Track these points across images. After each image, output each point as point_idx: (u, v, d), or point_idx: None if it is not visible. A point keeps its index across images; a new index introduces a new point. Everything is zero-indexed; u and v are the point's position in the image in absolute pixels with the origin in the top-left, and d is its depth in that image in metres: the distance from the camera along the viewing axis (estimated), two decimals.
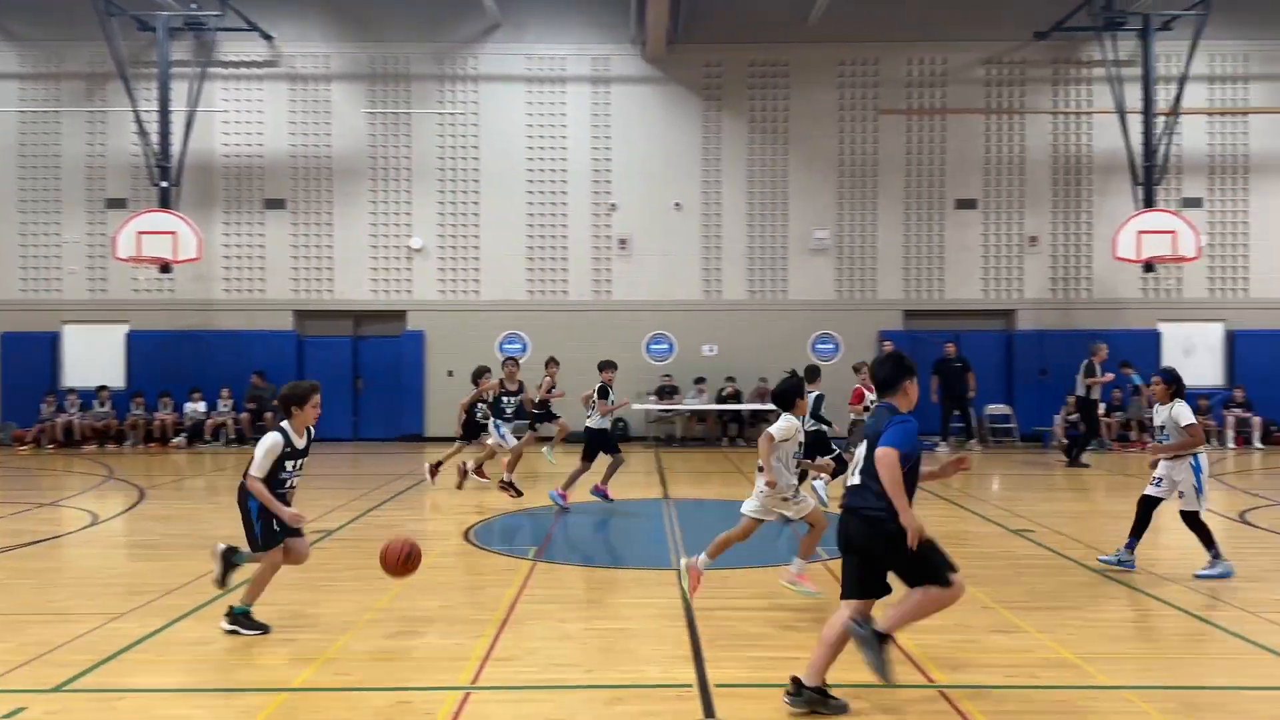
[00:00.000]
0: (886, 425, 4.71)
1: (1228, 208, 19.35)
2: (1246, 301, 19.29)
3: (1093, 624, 6.34)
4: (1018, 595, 7.06)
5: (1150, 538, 8.47)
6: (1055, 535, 9.42)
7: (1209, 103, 19.31)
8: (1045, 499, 12.15)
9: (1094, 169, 19.45)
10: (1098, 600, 6.95)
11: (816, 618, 6.44)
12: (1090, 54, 19.18)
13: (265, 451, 5.94)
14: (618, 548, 9.17)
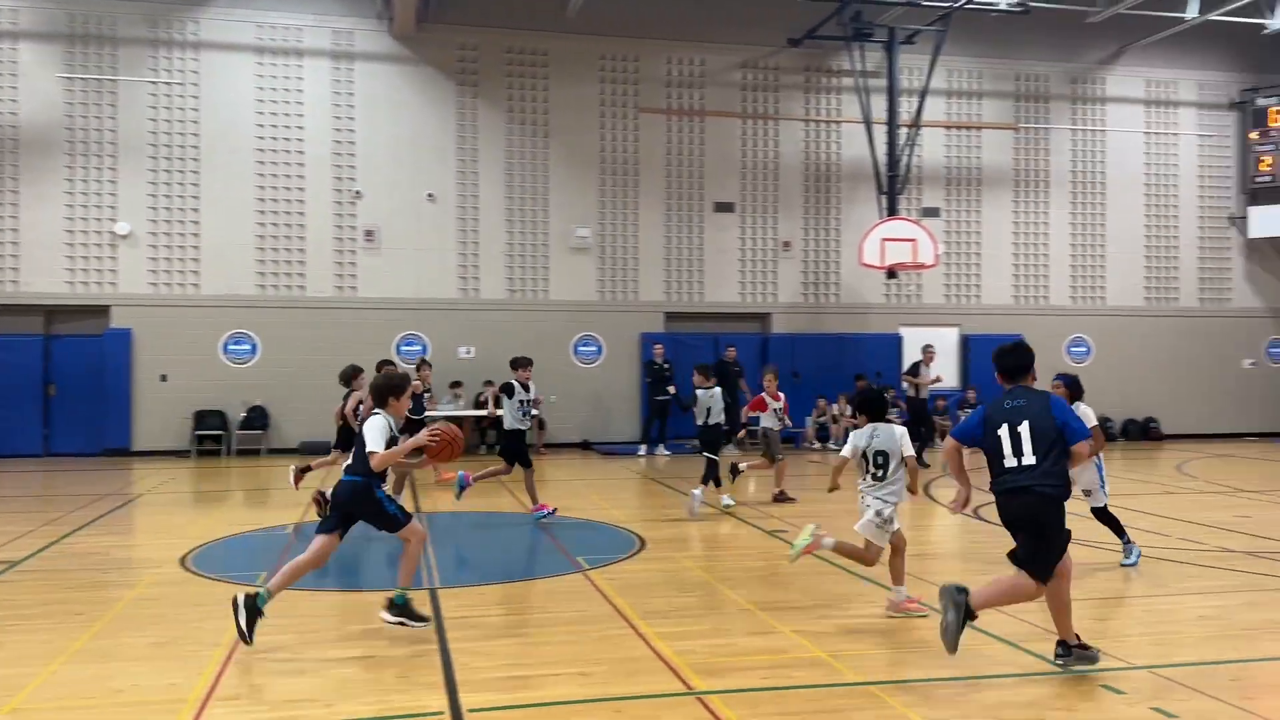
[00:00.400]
0: (1061, 411, 5.53)
1: (962, 218, 21.45)
2: (978, 307, 21.47)
3: (845, 622, 6.78)
4: (773, 596, 7.44)
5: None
6: None
7: (947, 116, 21.35)
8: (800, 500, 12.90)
9: (843, 176, 20.96)
10: (851, 599, 7.45)
11: (571, 634, 6.48)
12: (840, 63, 20.67)
13: (378, 426, 6.30)
14: (363, 568, 8.81)
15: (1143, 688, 5.41)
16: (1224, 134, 22.40)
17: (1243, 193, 22.30)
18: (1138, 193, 22.07)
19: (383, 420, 6.38)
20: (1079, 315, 21.82)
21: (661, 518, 11.45)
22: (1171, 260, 22.22)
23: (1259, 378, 22.47)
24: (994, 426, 5.59)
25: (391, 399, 6.50)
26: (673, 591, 7.62)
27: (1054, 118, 21.73)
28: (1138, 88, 22.04)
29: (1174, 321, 22.09)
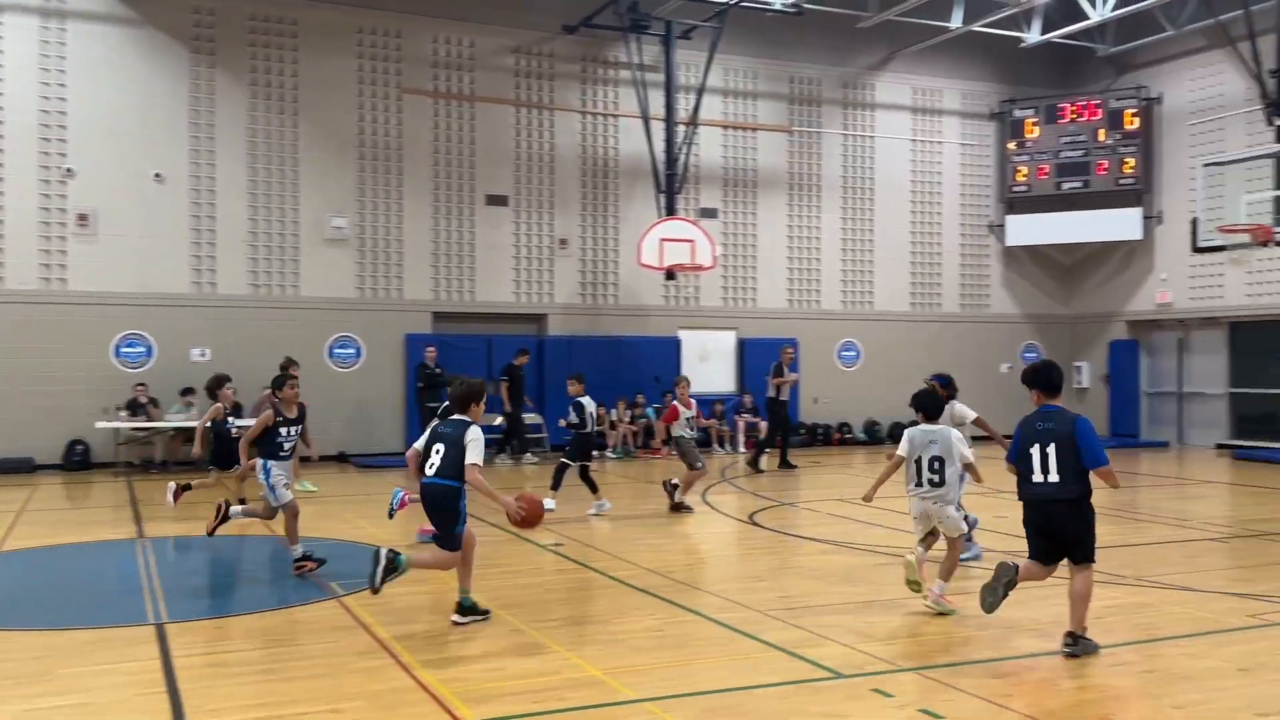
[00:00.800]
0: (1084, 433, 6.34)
1: (739, 219, 22.33)
2: (755, 311, 22.41)
3: (619, 637, 6.85)
4: (546, 614, 7.42)
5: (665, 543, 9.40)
6: (584, 548, 10.08)
7: (724, 116, 22.16)
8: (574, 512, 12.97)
9: (620, 173, 21.32)
10: (624, 612, 7.54)
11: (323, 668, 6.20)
12: (617, 55, 21.02)
13: (479, 441, 6.92)
14: (76, 603, 8.07)
15: (911, 690, 5.77)
16: (985, 143, 24.49)
17: (1001, 201, 24.46)
18: (904, 199, 23.74)
19: (481, 431, 7.01)
20: (849, 319, 23.20)
21: None
22: (935, 266, 24.04)
23: (1015, 382, 24.69)
24: (1027, 445, 6.49)
25: (474, 405, 7.18)
26: (439, 615, 7.44)
27: (826, 121, 23.02)
28: (905, 94, 23.72)
29: (937, 326, 23.91)
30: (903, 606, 7.75)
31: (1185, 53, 22.25)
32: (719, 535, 11.63)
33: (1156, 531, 11.25)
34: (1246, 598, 8.00)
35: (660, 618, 7.39)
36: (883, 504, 10.46)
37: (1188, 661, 6.32)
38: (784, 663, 6.26)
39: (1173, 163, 22.60)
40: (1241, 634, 6.94)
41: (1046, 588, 8.24)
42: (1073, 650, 6.34)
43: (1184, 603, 7.86)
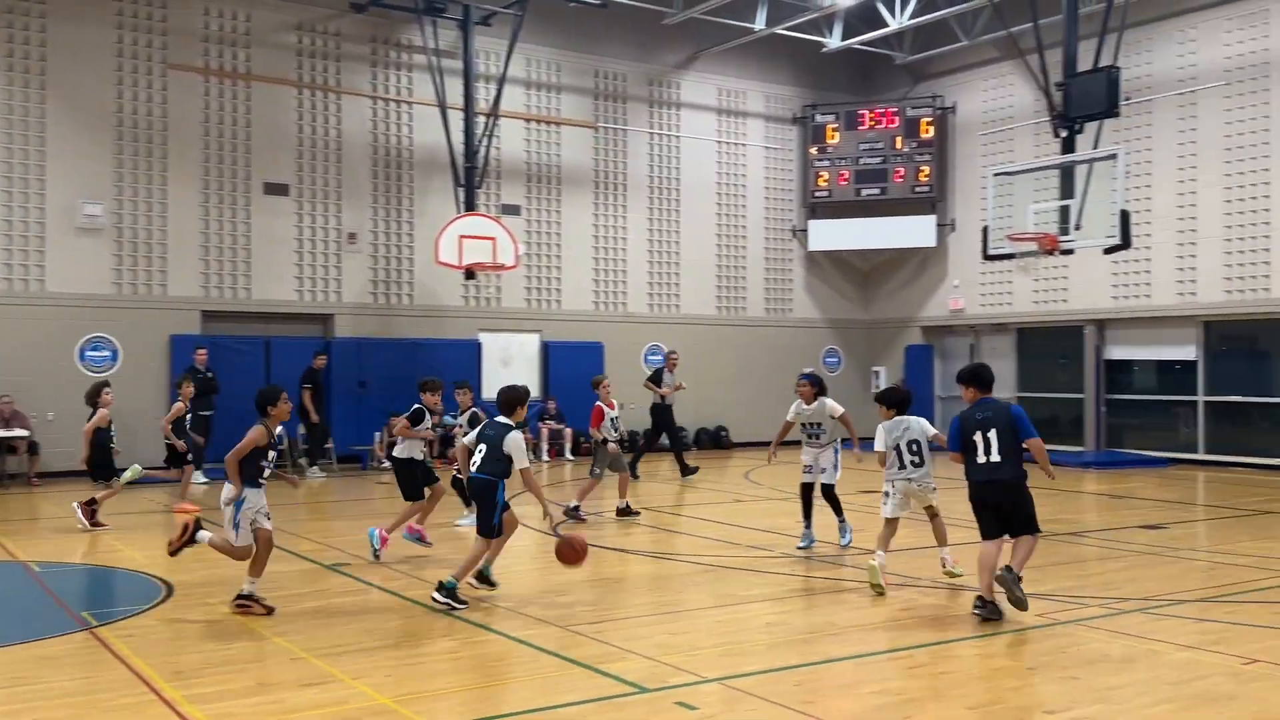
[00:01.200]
0: (1019, 416, 7.81)
1: (543, 217, 22.35)
2: (559, 313, 22.47)
3: (411, 661, 6.71)
4: (331, 640, 7.19)
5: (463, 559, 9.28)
6: (374, 567, 9.83)
7: (527, 108, 22.13)
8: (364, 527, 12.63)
9: (415, 164, 20.94)
10: (416, 634, 7.40)
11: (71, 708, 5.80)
12: (411, 38, 20.64)
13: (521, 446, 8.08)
14: None
15: (714, 701, 5.92)
16: (788, 147, 25.45)
17: (804, 206, 25.49)
18: (710, 201, 24.38)
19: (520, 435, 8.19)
20: (656, 323, 23.62)
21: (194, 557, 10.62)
22: (741, 270, 24.80)
23: None
24: (970, 434, 7.80)
25: (518, 408, 8.34)
26: (209, 644, 7.09)
27: (632, 118, 23.37)
28: (711, 95, 24.37)
29: (743, 331, 24.67)
30: (707, 616, 7.95)
31: (978, 63, 23.84)
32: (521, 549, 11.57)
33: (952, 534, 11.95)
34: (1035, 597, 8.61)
35: (457, 638, 7.30)
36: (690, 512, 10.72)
37: (980, 661, 6.75)
38: (587, 680, 6.30)
39: (965, 171, 24.16)
40: (1030, 633, 7.47)
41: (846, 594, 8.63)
42: (1012, 582, 7.60)
43: None
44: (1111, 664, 6.68)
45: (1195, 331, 20.46)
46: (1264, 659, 6.67)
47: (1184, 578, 9.43)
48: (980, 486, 7.81)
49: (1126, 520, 13.11)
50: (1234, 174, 19.48)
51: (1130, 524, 12.76)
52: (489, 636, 7.34)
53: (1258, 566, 9.91)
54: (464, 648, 7.07)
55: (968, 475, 7.86)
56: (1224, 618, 7.85)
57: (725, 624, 7.68)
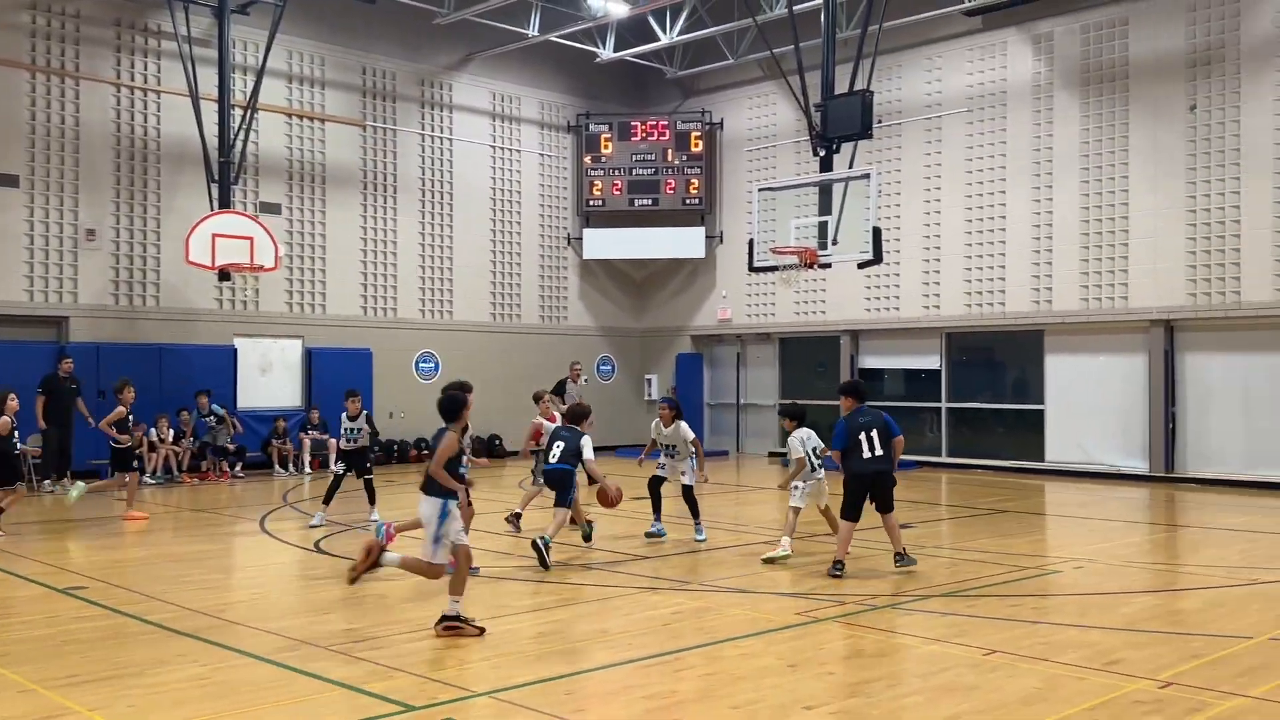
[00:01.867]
0: (890, 421, 9.98)
1: (307, 217, 21.53)
2: (324, 318, 21.70)
3: (155, 690, 6.29)
4: (65, 670, 6.66)
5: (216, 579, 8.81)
6: (114, 590, 9.18)
7: (288, 103, 21.28)
8: (103, 546, 11.79)
9: (164, 157, 19.75)
10: (163, 660, 6.95)
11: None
12: (160, 23, 19.46)
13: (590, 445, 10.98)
14: None
15: (484, 715, 5.85)
16: (563, 155, 25.62)
17: (578, 214, 25.71)
18: (484, 206, 24.20)
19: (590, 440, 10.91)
20: (428, 329, 23.21)
21: None
22: (515, 276, 24.74)
23: (589, 393, 25.97)
24: (855, 434, 9.76)
25: (584, 421, 11.40)
26: None
27: (402, 119, 22.90)
28: (484, 99, 24.21)
29: (516, 338, 24.61)
30: None
31: (744, 81, 24.76)
32: (279, 567, 11.10)
33: (718, 538, 12.33)
34: (795, 597, 8.99)
35: (206, 664, 6.90)
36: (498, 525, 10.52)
37: (745, 661, 6.97)
38: (348, 701, 6.09)
39: (733, 185, 25.04)
40: (791, 631, 7.78)
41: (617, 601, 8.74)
42: (905, 563, 9.81)
43: (741, 605, 8.68)
44: (865, 659, 7.04)
45: (939, 342, 21.99)
46: (1002, 649, 7.21)
47: (930, 574, 10.07)
48: (864, 476, 9.72)
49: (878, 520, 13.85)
50: (974, 195, 21.07)
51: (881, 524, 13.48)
52: (241, 660, 6.98)
53: (995, 562, 10.72)
54: (213, 673, 6.69)
55: (852, 468, 9.77)
56: (965, 611, 8.44)
57: (495, 636, 7.60)
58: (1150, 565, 11.12)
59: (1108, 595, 9.20)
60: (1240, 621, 8.13)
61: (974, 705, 6.04)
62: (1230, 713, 5.89)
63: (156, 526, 13.42)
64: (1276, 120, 17.58)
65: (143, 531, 12.96)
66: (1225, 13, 18.14)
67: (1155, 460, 18.81)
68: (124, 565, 10.51)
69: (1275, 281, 17.55)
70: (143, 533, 12.88)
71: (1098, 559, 10.96)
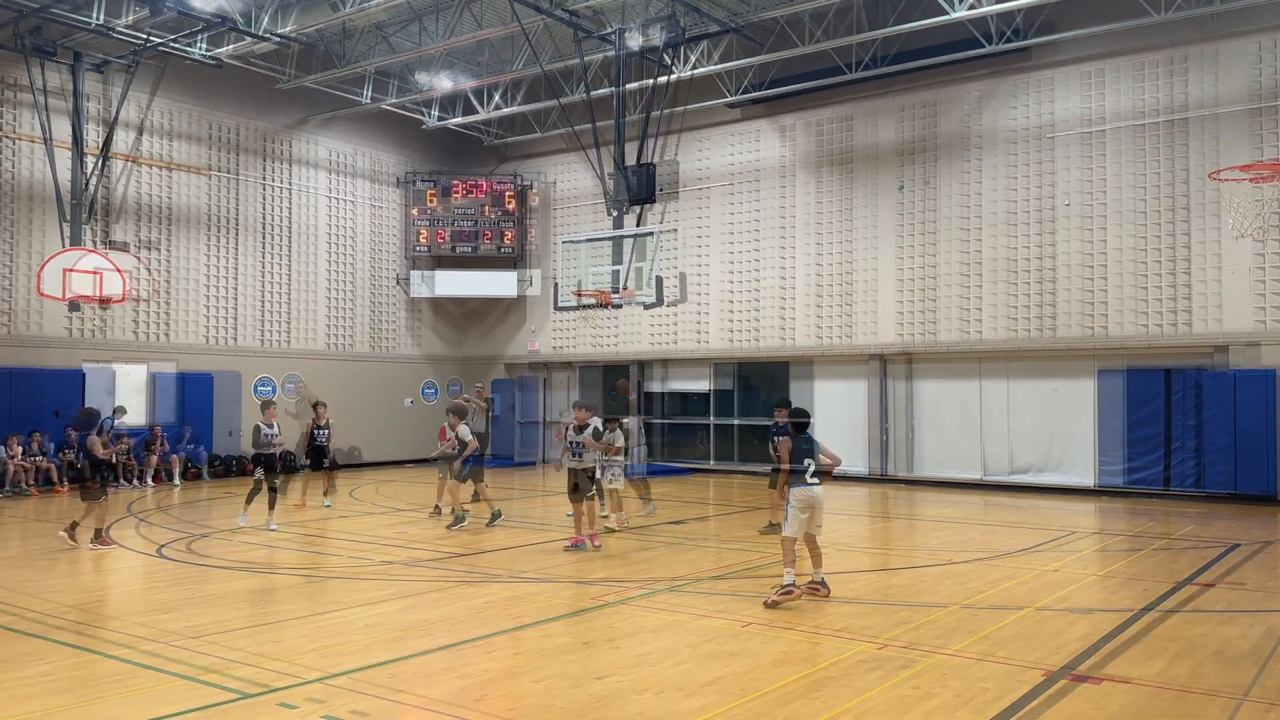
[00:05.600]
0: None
1: (155, 254, 20.10)
2: (170, 346, 20.26)
3: (3, 687, 5.70)
4: None
5: (61, 584, 8.08)
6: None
7: (140, 151, 19.86)
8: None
9: (17, 197, 18.06)
10: (9, 660, 6.29)
11: None
12: (16, 76, 17.85)
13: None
14: None
15: (313, 698, 5.58)
16: (393, 206, 24.96)
17: (406, 258, 25.08)
18: (321, 248, 23.27)
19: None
20: (266, 356, 22.06)
21: None
22: (348, 310, 23.87)
23: (416, 414, 25.35)
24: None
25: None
26: None
27: (245, 169, 21.78)
28: (322, 154, 23.33)
29: (349, 365, 23.73)
30: (308, 623, 7.51)
31: (552, 151, 24.87)
32: (123, 570, 10.26)
33: (525, 536, 12.23)
34: (588, 584, 9.02)
35: (53, 661, 6.30)
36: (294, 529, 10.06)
37: (546, 640, 6.94)
38: (189, 690, 5.69)
39: (542, 237, 25.05)
40: (585, 614, 7.80)
41: (439, 594, 8.54)
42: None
43: (544, 593, 8.63)
44: (646, 634, 7.14)
45: (708, 370, 22.65)
46: (756, 621, 7.46)
47: (700, 561, 10.31)
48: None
49: (659, 518, 14.12)
50: (734, 252, 21.88)
51: (660, 521, 13.75)
52: (86, 657, 6.41)
53: (750, 550, 11.09)
54: (59, 670, 6.12)
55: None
56: (728, 591, 8.68)
57: (325, 629, 7.28)
58: (868, 549, 11.77)
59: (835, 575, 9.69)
60: (938, 594, 8.71)
61: (734, 668, 6.22)
62: (932, 666, 6.31)
63: (9, 536, 12.17)
64: (962, 198, 19.13)
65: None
66: (926, 113, 19.63)
67: (873, 464, 19.97)
68: None
69: (961, 324, 19.04)
70: None
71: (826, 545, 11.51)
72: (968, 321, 18.95)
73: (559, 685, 5.88)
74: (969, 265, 18.98)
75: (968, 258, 19.00)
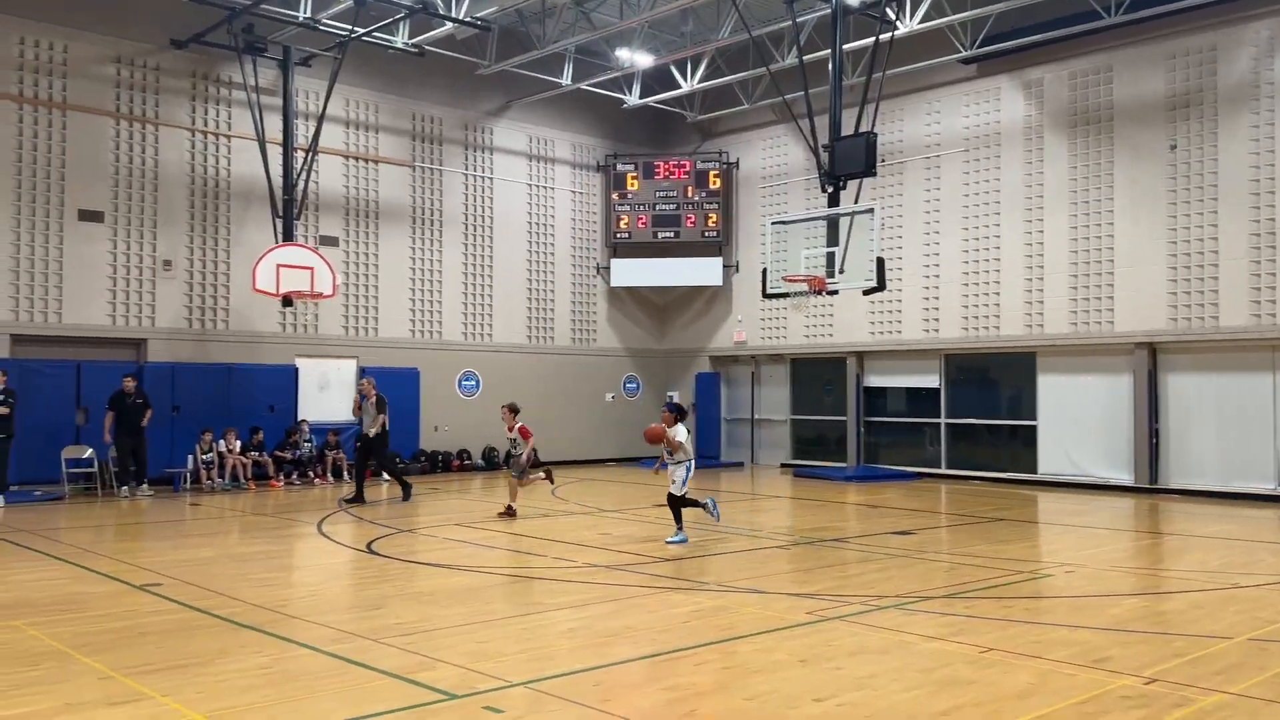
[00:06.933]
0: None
1: (361, 249, 21.70)
2: (376, 340, 21.84)
3: (223, 678, 6.32)
4: (140, 659, 6.70)
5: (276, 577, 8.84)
6: (185, 586, 9.24)
7: (345, 145, 21.49)
8: (175, 546, 11.88)
9: (234, 195, 19.98)
10: (228, 651, 6.99)
11: None
12: (231, 74, 19.74)
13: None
14: None
15: (520, 704, 5.84)
16: (593, 192, 25.71)
17: (607, 246, 25.78)
18: (521, 238, 24.32)
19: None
20: (469, 350, 23.31)
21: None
22: (549, 302, 24.82)
23: (617, 409, 26.02)
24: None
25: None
26: (12, 666, 6.48)
27: (447, 159, 23.07)
28: (522, 141, 24.36)
29: (550, 359, 24.67)
30: (513, 624, 7.86)
31: (758, 125, 24.80)
32: (333, 566, 11.14)
33: (734, 542, 12.28)
34: (804, 597, 8.94)
35: (269, 654, 6.93)
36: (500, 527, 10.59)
37: (759, 656, 6.93)
38: (397, 689, 6.10)
39: (748, 219, 25.04)
40: (801, 629, 7.73)
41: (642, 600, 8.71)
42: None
43: (755, 604, 8.63)
44: (870, 655, 6.98)
45: (938, 363, 21.85)
46: (998, 648, 7.13)
47: (931, 577, 9.98)
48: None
49: (882, 527, 13.79)
50: (970, 228, 20.97)
51: (885, 530, 13.42)
52: (300, 651, 7.01)
53: (990, 566, 10.61)
54: (274, 663, 6.72)
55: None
56: (963, 612, 8.35)
57: (530, 631, 7.60)
58: (1135, 570, 10.98)
59: (1096, 598, 9.09)
60: (1219, 623, 8.01)
61: (972, 698, 5.97)
62: (1211, 707, 5.81)
63: (222, 529, 13.51)
64: (1251, 157, 17.44)
65: (210, 533, 13.05)
66: (1203, 59, 18.04)
67: (1140, 472, 18.60)
68: (193, 564, 10.58)
69: (1250, 306, 17.38)
70: (210, 534, 12.98)
71: (1087, 564, 10.84)
72: (1258, 303, 17.27)
73: (772, 704, 5.86)
74: (1259, 236, 17.29)
75: (1258, 227, 17.31)
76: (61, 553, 11.15)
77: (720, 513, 12.61)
